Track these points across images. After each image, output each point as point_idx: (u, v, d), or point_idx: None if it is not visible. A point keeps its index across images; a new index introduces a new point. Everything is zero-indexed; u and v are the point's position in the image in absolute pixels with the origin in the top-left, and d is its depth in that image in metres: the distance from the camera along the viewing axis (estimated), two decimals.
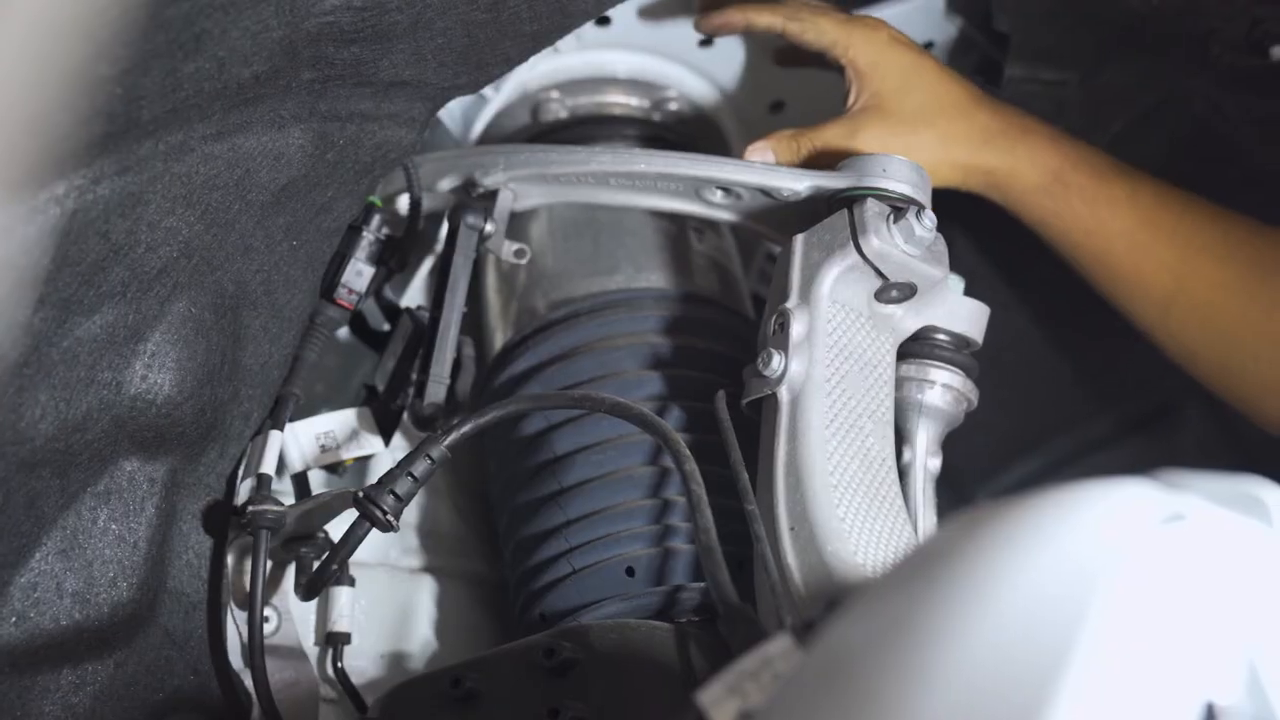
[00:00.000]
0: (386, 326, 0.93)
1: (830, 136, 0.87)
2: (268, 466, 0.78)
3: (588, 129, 1.03)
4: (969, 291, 0.84)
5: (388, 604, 0.88)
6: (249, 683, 0.75)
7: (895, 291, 0.78)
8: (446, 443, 0.74)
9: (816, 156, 0.86)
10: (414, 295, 0.99)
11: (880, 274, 0.77)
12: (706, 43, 1.07)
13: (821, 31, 0.89)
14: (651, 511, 0.80)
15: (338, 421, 0.86)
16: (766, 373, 0.75)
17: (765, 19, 0.92)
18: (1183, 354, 0.84)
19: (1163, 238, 0.82)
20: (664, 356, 0.86)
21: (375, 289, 0.90)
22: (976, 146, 0.85)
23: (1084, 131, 1.04)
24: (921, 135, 0.86)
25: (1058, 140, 0.87)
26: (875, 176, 0.79)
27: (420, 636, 0.88)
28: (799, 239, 0.79)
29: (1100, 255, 0.85)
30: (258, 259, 0.76)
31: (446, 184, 0.91)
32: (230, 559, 0.77)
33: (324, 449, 0.85)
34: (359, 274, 0.86)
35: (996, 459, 1.16)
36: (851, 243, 0.76)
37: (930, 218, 0.76)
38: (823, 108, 1.13)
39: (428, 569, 0.93)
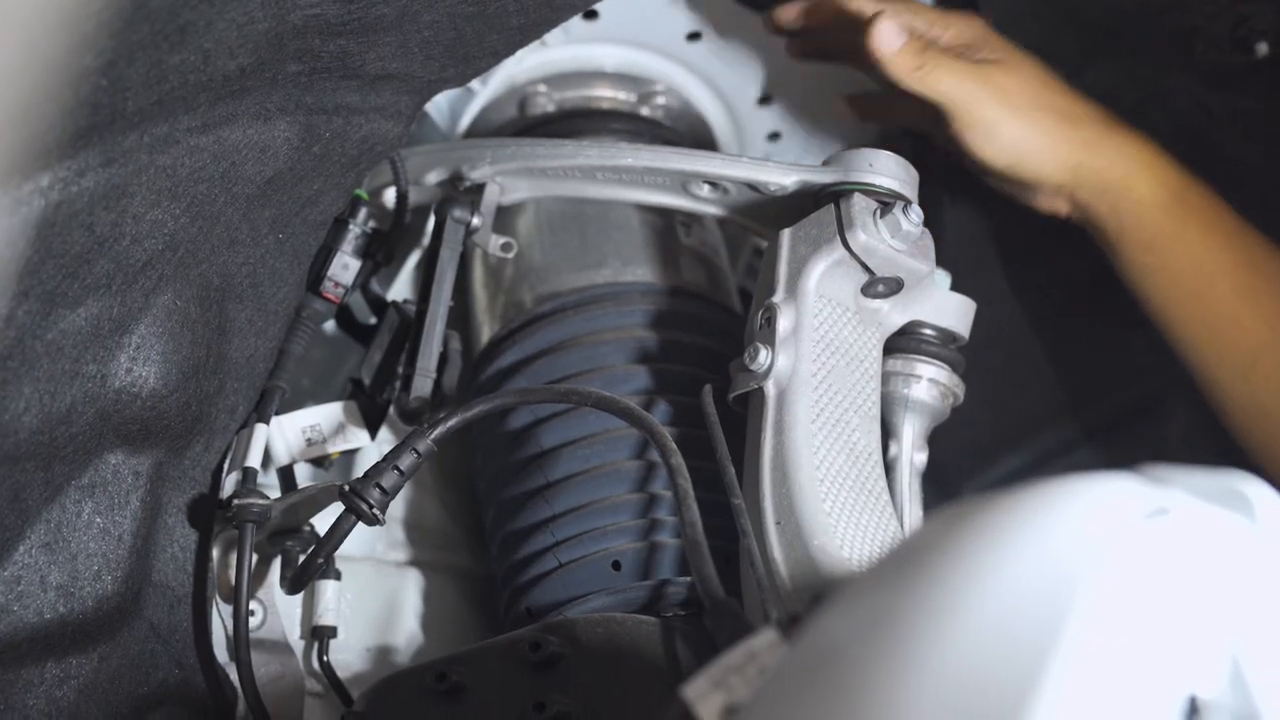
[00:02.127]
0: (373, 320, 0.93)
1: (956, 68, 0.83)
2: (253, 460, 0.78)
3: (575, 123, 1.03)
4: (955, 286, 0.84)
5: (374, 598, 0.88)
6: (234, 676, 0.75)
7: (882, 286, 0.78)
8: (432, 437, 0.73)
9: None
10: (400, 289, 0.99)
11: (867, 269, 0.77)
12: (694, 36, 1.07)
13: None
14: (638, 506, 0.80)
15: (324, 415, 0.86)
16: (753, 367, 0.75)
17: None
18: (1258, 414, 0.77)
19: (1262, 283, 0.77)
20: (651, 351, 0.86)
21: (361, 282, 0.90)
22: (1092, 145, 0.80)
23: None
24: (1041, 116, 0.82)
25: (1166, 156, 0.80)
26: (862, 171, 0.79)
27: (406, 630, 0.88)
28: (786, 234, 0.79)
29: (1199, 293, 0.78)
30: (243, 252, 0.76)
31: (433, 177, 0.91)
32: (215, 552, 0.77)
33: (310, 442, 0.85)
34: (345, 267, 0.86)
35: (982, 454, 1.16)
36: (838, 237, 0.76)
37: (917, 213, 0.76)
38: (811, 102, 1.14)
39: (414, 563, 0.93)
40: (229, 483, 0.78)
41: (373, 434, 0.87)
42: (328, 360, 1.15)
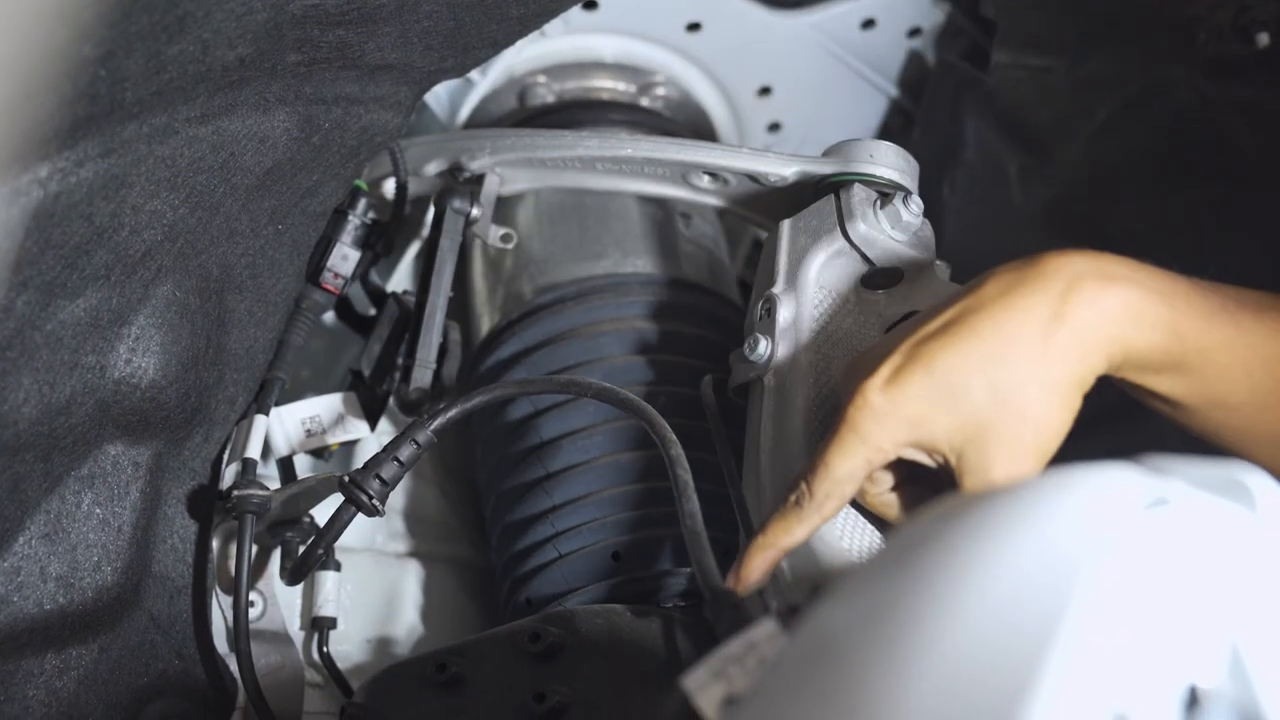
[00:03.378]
0: (372, 311, 0.93)
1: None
2: (253, 451, 0.78)
3: (575, 113, 1.03)
4: (955, 277, 0.84)
5: (373, 589, 0.88)
6: (234, 667, 0.75)
7: (881, 277, 0.78)
8: (432, 427, 0.73)
9: None
10: (400, 280, 0.99)
11: (867, 259, 0.77)
12: (694, 27, 1.07)
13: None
14: (638, 497, 0.80)
15: (323, 406, 0.86)
16: (753, 358, 0.75)
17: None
18: None
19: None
20: (651, 342, 0.86)
21: (361, 273, 0.90)
22: (1069, 354, 0.63)
23: (1071, 118, 1.04)
24: (1026, 403, 0.63)
25: (1133, 287, 0.65)
26: (862, 162, 0.79)
27: (406, 621, 0.88)
28: (786, 224, 0.79)
29: (1227, 407, 0.67)
30: (243, 242, 0.75)
31: (433, 168, 0.91)
32: (215, 543, 0.77)
33: (309, 433, 0.85)
34: (345, 258, 0.86)
35: None
36: (838, 228, 0.76)
37: (917, 203, 0.76)
38: (812, 94, 1.14)
39: (414, 554, 0.93)
40: (229, 474, 0.78)
41: (372, 425, 0.87)
42: (327, 351, 1.16)
